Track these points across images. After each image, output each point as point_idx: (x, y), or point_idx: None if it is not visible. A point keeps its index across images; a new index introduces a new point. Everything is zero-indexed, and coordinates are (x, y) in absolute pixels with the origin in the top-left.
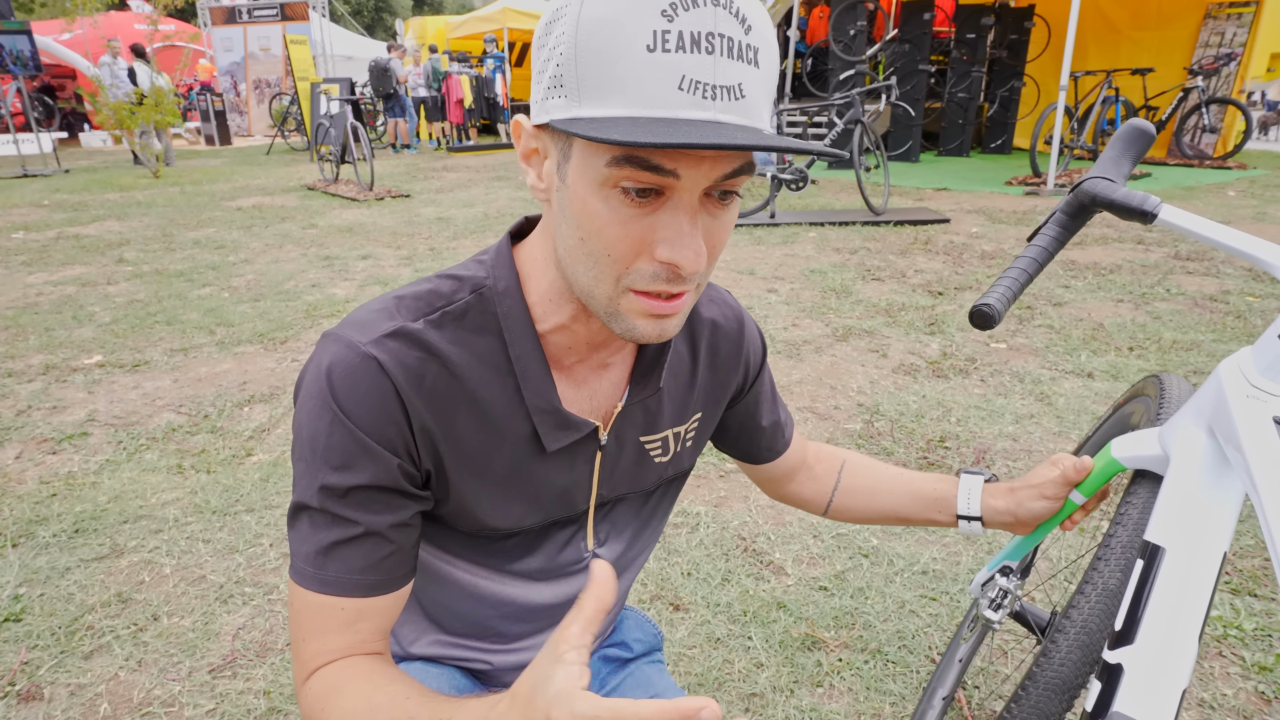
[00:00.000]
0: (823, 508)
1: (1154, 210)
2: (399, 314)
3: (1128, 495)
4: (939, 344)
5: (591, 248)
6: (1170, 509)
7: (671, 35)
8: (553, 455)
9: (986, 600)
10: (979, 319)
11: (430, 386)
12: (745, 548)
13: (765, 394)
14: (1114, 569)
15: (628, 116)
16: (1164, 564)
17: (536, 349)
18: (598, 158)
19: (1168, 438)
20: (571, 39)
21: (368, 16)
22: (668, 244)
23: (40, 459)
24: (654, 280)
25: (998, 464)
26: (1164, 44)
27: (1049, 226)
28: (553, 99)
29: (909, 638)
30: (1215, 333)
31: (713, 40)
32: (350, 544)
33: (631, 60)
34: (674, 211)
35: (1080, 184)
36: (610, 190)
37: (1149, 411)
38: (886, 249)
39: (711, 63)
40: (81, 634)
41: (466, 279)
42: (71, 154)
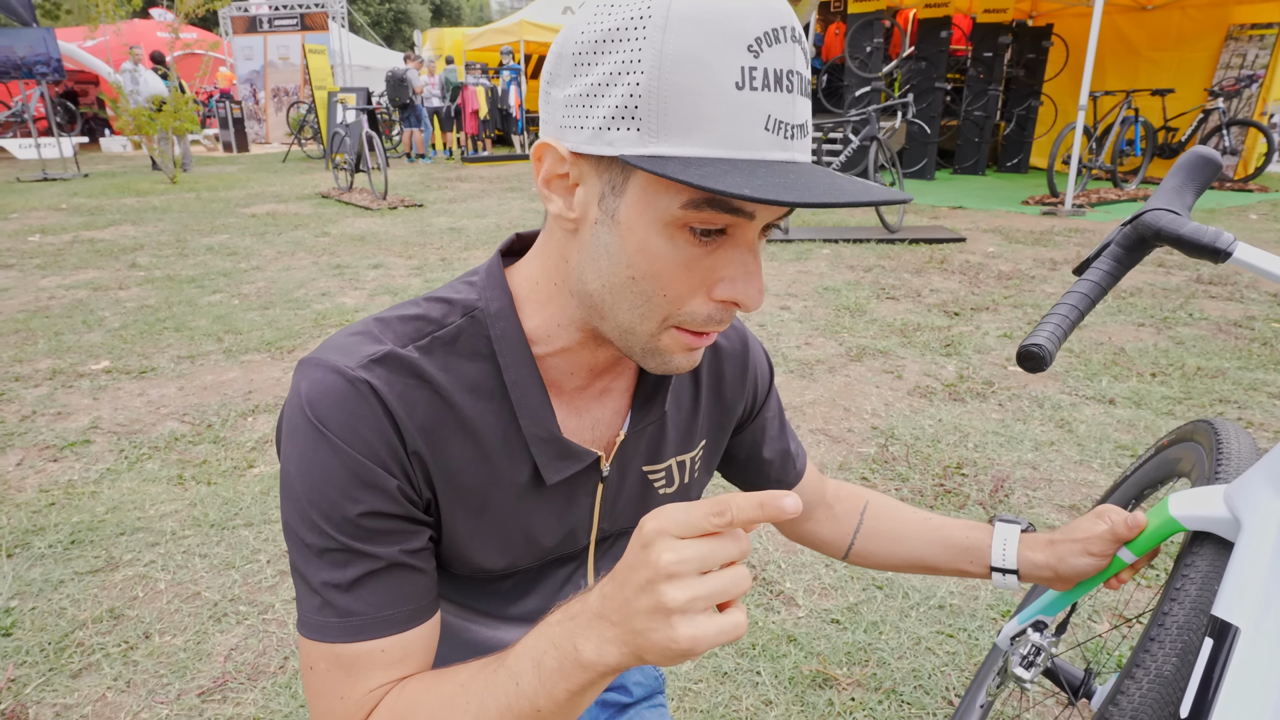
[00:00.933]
0: (843, 551)
1: (1228, 249)
2: (384, 338)
3: (1185, 561)
4: (955, 366)
5: (644, 287)
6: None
7: (758, 73)
8: (552, 489)
9: (1018, 656)
10: (1028, 361)
11: (422, 416)
12: (755, 576)
13: (773, 420)
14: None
15: (717, 158)
16: (1239, 645)
17: (534, 374)
18: (669, 198)
19: (1237, 499)
20: (654, 69)
21: (386, 27)
22: (731, 283)
23: (41, 466)
24: (707, 322)
25: (1016, 493)
26: (1184, 65)
27: (1102, 260)
28: (618, 130)
29: (925, 677)
30: (1240, 360)
31: (791, 78)
32: (370, 579)
33: (721, 98)
34: (738, 249)
35: (1140, 215)
36: (678, 230)
37: (1202, 464)
38: (901, 267)
39: (791, 101)
40: (71, 651)
41: (457, 302)
42: (91, 159)
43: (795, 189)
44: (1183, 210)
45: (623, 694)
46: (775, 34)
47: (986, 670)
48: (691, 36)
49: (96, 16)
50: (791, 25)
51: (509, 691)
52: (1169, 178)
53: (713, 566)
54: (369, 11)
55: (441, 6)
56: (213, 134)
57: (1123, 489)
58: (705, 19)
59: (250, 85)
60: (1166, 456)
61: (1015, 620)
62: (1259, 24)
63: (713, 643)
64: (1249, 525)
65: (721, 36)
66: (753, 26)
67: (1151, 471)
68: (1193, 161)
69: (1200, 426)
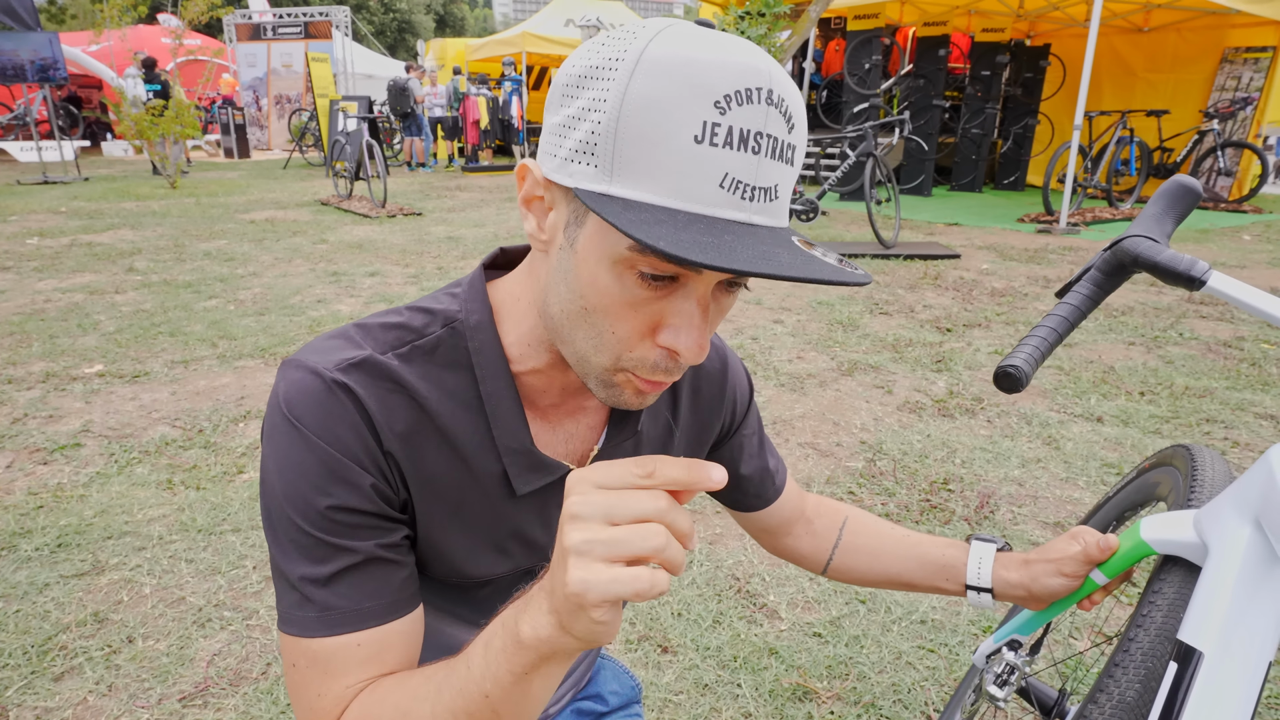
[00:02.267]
0: (821, 566)
1: (1202, 277)
2: (364, 344)
3: (1154, 587)
4: (946, 382)
5: (595, 320)
6: (1209, 608)
7: (721, 129)
8: (524, 499)
9: (991, 675)
10: (1005, 381)
11: (399, 421)
12: (739, 589)
13: (751, 437)
14: (1134, 678)
15: (663, 206)
16: (1202, 670)
17: (509, 387)
18: (618, 237)
19: (1206, 525)
20: (615, 111)
21: (390, 37)
22: (673, 331)
23: (31, 469)
24: (654, 370)
25: (1002, 509)
26: (1180, 86)
27: (1082, 284)
28: (578, 164)
29: (904, 691)
30: (1229, 380)
31: (760, 140)
32: (347, 574)
33: (676, 148)
34: (687, 300)
35: (1119, 242)
36: (626, 270)
37: (1178, 488)
38: (896, 283)
39: (756, 163)
40: (54, 654)
41: (438, 312)
42: (93, 162)
43: (725, 251)
44: (1161, 238)
45: (598, 703)
46: (749, 94)
47: (964, 688)
48: (656, 82)
49: (101, 22)
50: (771, 89)
51: (463, 676)
52: (1150, 205)
53: (622, 519)
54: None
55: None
56: (214, 139)
57: (1104, 510)
58: (675, 68)
59: (253, 92)
60: (1146, 480)
61: (991, 639)
62: (1254, 47)
63: (605, 592)
64: (1216, 550)
65: (687, 87)
66: (724, 83)
67: (1132, 494)
68: (1174, 190)
69: (1179, 451)
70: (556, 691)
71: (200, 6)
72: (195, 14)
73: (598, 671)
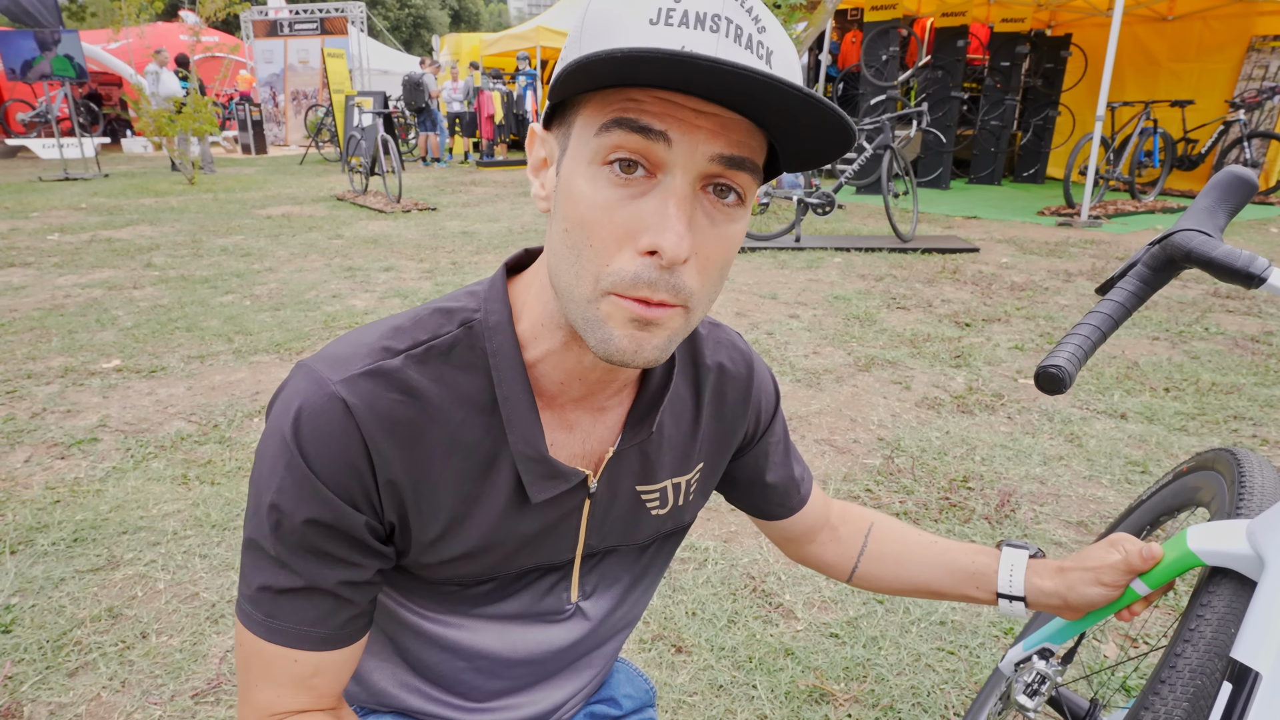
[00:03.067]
0: (846, 574)
1: (1262, 274)
2: (380, 348)
3: (1202, 600)
4: (965, 377)
5: (574, 239)
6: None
7: (676, 12)
8: (537, 505)
9: (1021, 684)
10: (1047, 383)
11: (404, 433)
12: (754, 588)
13: (777, 445)
14: (1181, 696)
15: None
16: (1260, 692)
17: (525, 390)
18: (590, 128)
19: (1261, 536)
20: (579, 25)
21: (405, 32)
22: (652, 230)
23: (49, 463)
24: (635, 283)
25: (1023, 508)
26: (1204, 76)
27: (1127, 280)
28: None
29: (924, 695)
30: (1257, 376)
31: (718, 21)
32: (299, 595)
33: (631, 31)
34: (663, 195)
35: (1169, 236)
36: (599, 169)
37: (1222, 495)
38: (913, 277)
39: (715, 41)
40: (69, 649)
41: (456, 311)
42: (112, 159)
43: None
44: (1215, 232)
45: (612, 706)
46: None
47: (988, 694)
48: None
49: (120, 19)
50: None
51: None
52: (1201, 197)
53: None
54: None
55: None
56: (231, 136)
57: (1137, 514)
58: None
59: (270, 88)
60: (1185, 484)
61: (1020, 646)
62: None
63: None
64: (1275, 564)
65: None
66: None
67: (1168, 498)
68: (1227, 181)
69: (1222, 455)
70: (571, 701)
71: (218, 3)
72: (213, 10)
73: (612, 674)
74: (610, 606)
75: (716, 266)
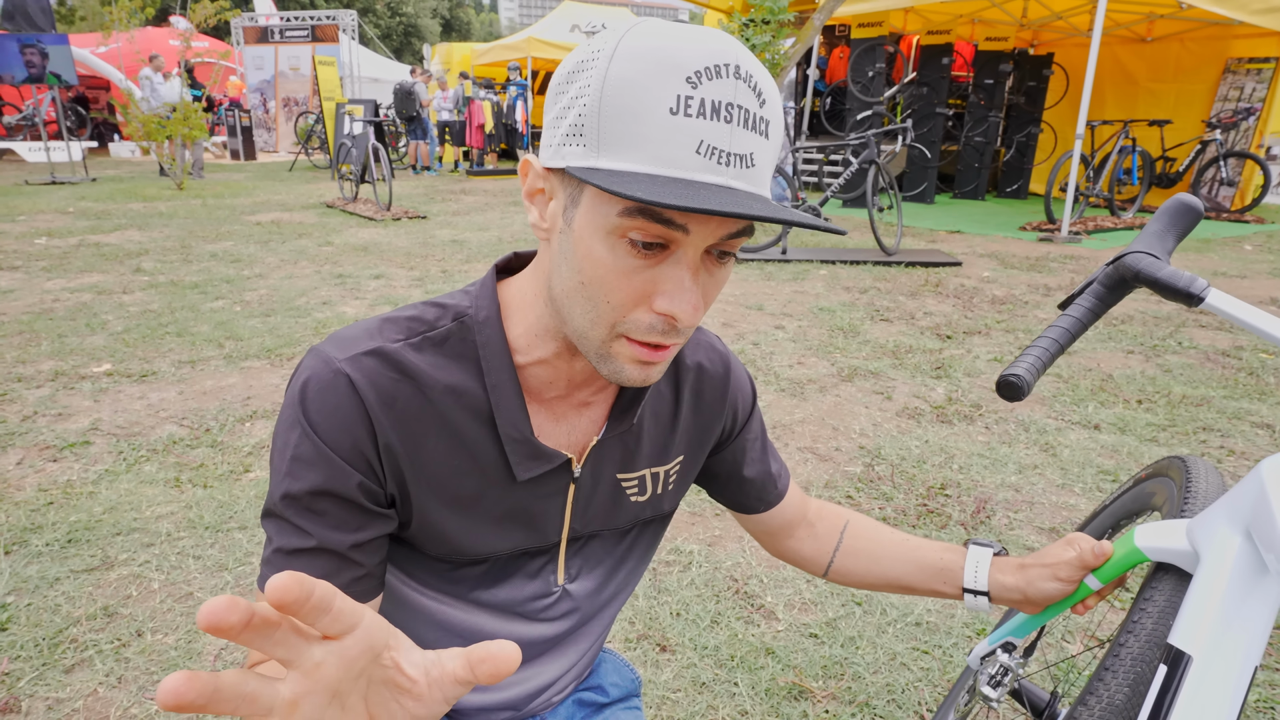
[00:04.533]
0: (823, 568)
1: (1201, 294)
2: (381, 334)
3: (1145, 595)
4: (945, 388)
5: (591, 293)
6: (1200, 613)
7: (694, 101)
8: (524, 484)
9: (985, 676)
10: (1007, 390)
11: (402, 408)
12: (737, 589)
13: (754, 441)
14: (1123, 681)
15: (646, 173)
16: (1190, 673)
17: (512, 379)
18: (610, 207)
19: (1198, 534)
20: (597, 92)
21: (396, 40)
22: (668, 297)
23: (41, 466)
24: (649, 331)
25: (998, 514)
26: (1182, 96)
27: (1084, 297)
28: (570, 146)
29: (899, 692)
30: (1226, 389)
31: (731, 110)
32: (307, 555)
33: (654, 120)
34: (677, 266)
35: (1121, 258)
36: (618, 239)
37: (1172, 498)
38: (897, 290)
39: (729, 131)
40: (65, 647)
41: (450, 307)
42: (100, 163)
43: (699, 200)
44: (1162, 254)
45: (599, 694)
46: (717, 70)
47: (958, 688)
48: (633, 64)
49: (110, 24)
50: (738, 65)
51: None
52: (1152, 222)
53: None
54: (379, 24)
55: (451, 21)
56: (221, 141)
57: (1100, 518)
58: (649, 51)
59: (260, 94)
60: (1142, 490)
61: (986, 641)
62: (1257, 58)
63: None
64: (1207, 558)
65: (660, 66)
66: (693, 61)
67: (1129, 503)
68: (1175, 209)
69: (1174, 462)
70: (560, 682)
71: (209, 9)
72: (204, 17)
73: (599, 664)
74: (594, 588)
75: (710, 303)
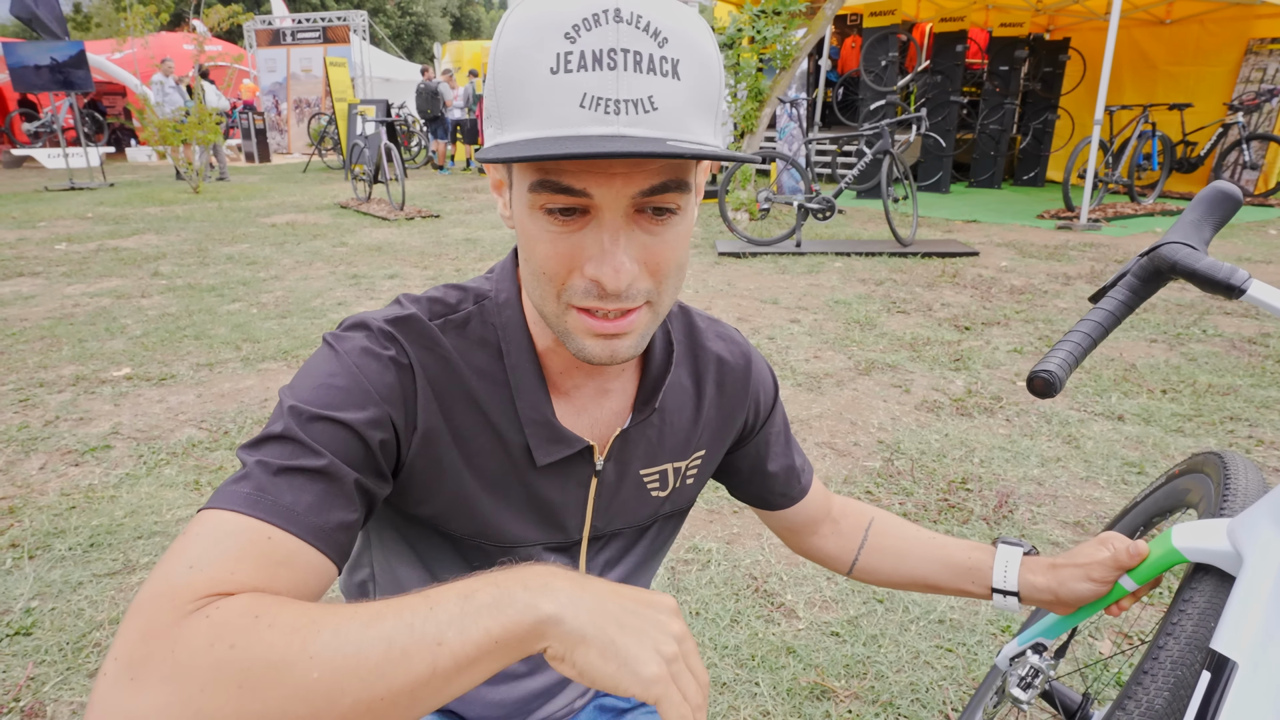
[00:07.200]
0: (847, 566)
1: (1242, 285)
2: (410, 308)
3: (1184, 596)
4: (964, 381)
5: (534, 268)
6: (1244, 618)
7: (574, 55)
8: (545, 470)
9: (1015, 677)
10: (1039, 387)
11: (434, 376)
12: (756, 588)
13: (777, 435)
14: (1163, 685)
15: (533, 138)
16: (1236, 680)
17: (532, 361)
18: (523, 182)
19: (1240, 534)
20: (493, 70)
21: (407, 40)
22: (593, 261)
23: (63, 470)
24: (586, 296)
25: (1021, 509)
26: (1202, 79)
27: (1118, 290)
28: (489, 129)
29: (923, 691)
30: (1253, 377)
31: (615, 56)
32: (309, 475)
33: (537, 84)
34: (596, 230)
35: (1157, 248)
36: (537, 212)
37: (1209, 496)
38: (913, 281)
39: (614, 78)
40: (88, 651)
41: (471, 290)
42: (117, 168)
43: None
44: (1200, 245)
45: (620, 698)
46: (596, 18)
47: (985, 689)
48: (515, 34)
49: (125, 30)
50: (619, 8)
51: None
52: (1188, 211)
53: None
54: (390, 24)
55: (461, 19)
56: (235, 144)
57: (1131, 515)
58: (529, 19)
59: (273, 97)
60: (1176, 486)
61: (1015, 641)
62: (1279, 38)
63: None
64: (1250, 560)
65: (538, 29)
66: (571, 15)
67: (1161, 500)
68: (1213, 196)
69: (1210, 458)
70: (579, 687)
71: (223, 13)
72: (217, 21)
73: None
74: None
75: (669, 266)
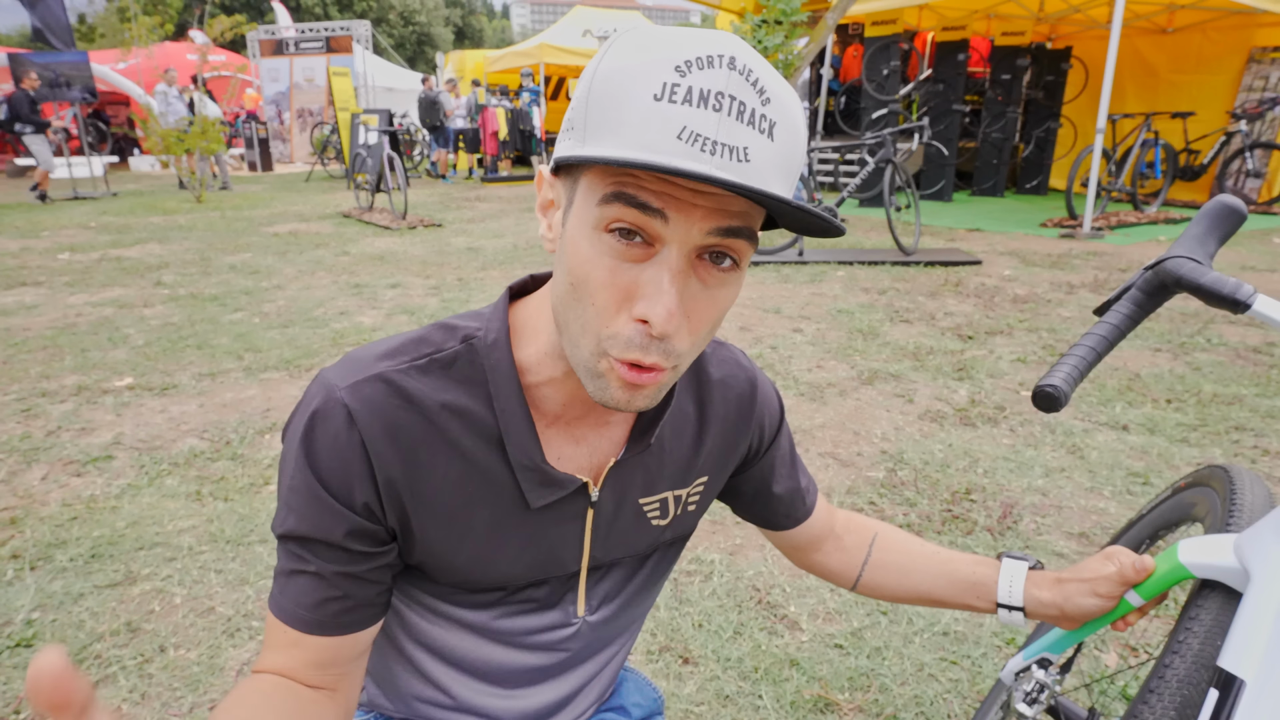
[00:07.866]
0: (851, 582)
1: (1247, 300)
2: (385, 359)
3: (1190, 613)
4: (967, 390)
5: (579, 294)
6: (1252, 635)
7: (680, 88)
8: (539, 512)
9: (1020, 693)
10: (1043, 401)
11: (407, 437)
12: (759, 599)
13: (782, 459)
14: (1169, 704)
15: (625, 158)
16: (1244, 699)
17: (521, 404)
18: (593, 196)
19: (1247, 550)
20: (587, 85)
21: (409, 49)
22: (646, 300)
23: (65, 481)
24: (628, 347)
25: (1025, 519)
26: (1205, 88)
27: (1122, 303)
28: (564, 141)
29: (927, 704)
30: (1259, 387)
31: (721, 99)
32: (299, 577)
33: (636, 106)
34: (658, 267)
35: (1161, 262)
36: (602, 234)
37: (1215, 510)
38: (916, 290)
39: (717, 120)
40: (89, 663)
41: (459, 328)
42: (120, 178)
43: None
44: (1204, 259)
45: (621, 714)
46: (710, 60)
47: (990, 704)
48: (623, 57)
49: (129, 40)
50: (734, 57)
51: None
52: (1193, 225)
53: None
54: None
55: (464, 29)
56: (238, 154)
57: (1136, 529)
58: (640, 45)
59: (276, 106)
60: (1182, 500)
61: (1020, 656)
62: None
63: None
64: (1258, 576)
65: (649, 56)
66: (685, 52)
67: (1167, 514)
68: (1217, 210)
69: (1216, 472)
70: (581, 704)
71: (225, 24)
72: (220, 31)
73: (621, 683)
74: (612, 614)
75: (707, 325)
